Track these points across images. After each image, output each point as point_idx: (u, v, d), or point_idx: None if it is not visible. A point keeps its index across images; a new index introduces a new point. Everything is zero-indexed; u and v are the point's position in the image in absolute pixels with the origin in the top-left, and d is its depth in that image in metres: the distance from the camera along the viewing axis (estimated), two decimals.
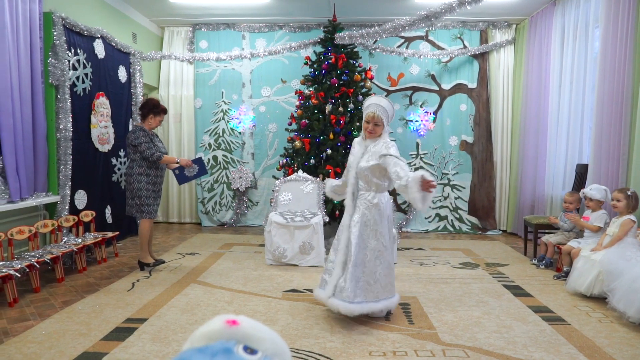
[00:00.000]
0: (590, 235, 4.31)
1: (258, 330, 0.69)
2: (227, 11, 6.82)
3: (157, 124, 4.62)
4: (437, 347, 2.90)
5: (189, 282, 4.27)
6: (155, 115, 4.58)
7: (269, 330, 0.71)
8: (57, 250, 4.25)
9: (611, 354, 2.80)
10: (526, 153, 6.52)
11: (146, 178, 4.48)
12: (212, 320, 0.70)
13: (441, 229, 7.11)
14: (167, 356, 2.74)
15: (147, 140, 4.45)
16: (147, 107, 4.57)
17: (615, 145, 4.49)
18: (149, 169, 4.50)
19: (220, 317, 0.70)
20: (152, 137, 4.56)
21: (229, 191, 7.42)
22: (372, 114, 3.25)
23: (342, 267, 3.23)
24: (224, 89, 7.40)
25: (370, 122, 3.27)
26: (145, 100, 4.67)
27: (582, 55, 5.31)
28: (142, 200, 4.48)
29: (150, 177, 4.52)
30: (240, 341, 0.67)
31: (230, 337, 0.67)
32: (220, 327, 0.68)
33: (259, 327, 0.70)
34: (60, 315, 3.40)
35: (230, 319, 0.69)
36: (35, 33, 4.50)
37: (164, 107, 4.66)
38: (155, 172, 4.57)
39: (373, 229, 3.23)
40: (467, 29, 7.10)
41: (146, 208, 4.50)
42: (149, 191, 4.50)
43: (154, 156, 4.42)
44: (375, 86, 7.09)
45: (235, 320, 0.69)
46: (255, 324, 0.70)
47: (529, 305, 3.69)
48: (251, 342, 0.68)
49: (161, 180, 4.67)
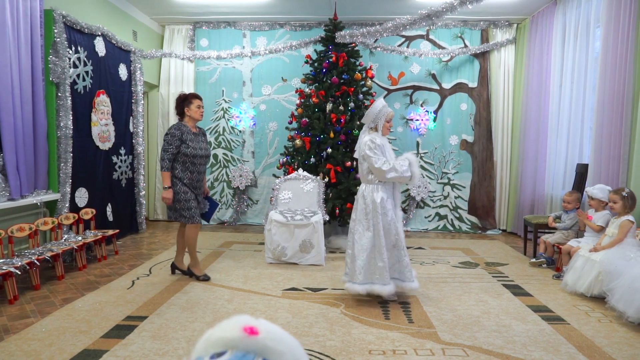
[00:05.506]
0: (591, 235, 4.31)
1: (278, 343, 0.64)
2: (228, 9, 6.81)
3: (197, 112, 4.22)
4: (437, 346, 2.91)
5: (189, 280, 4.27)
6: (190, 106, 4.20)
7: (289, 340, 0.66)
8: (58, 247, 4.26)
9: (610, 354, 2.80)
10: (526, 153, 6.52)
11: (181, 181, 4.14)
12: (229, 323, 0.65)
13: (441, 228, 7.12)
14: (167, 354, 2.75)
15: (174, 139, 4.07)
16: (178, 105, 4.26)
17: (615, 145, 4.48)
18: (183, 172, 4.14)
19: (238, 322, 0.64)
20: (189, 134, 4.15)
21: (229, 189, 7.42)
22: (392, 113, 3.83)
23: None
24: (225, 87, 7.40)
25: (390, 121, 3.83)
26: (175, 100, 4.33)
27: (583, 54, 5.31)
28: (181, 205, 4.13)
29: (185, 180, 4.14)
30: (259, 354, 0.62)
31: (249, 348, 0.62)
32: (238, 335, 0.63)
33: (280, 337, 0.65)
34: (61, 312, 3.41)
35: (249, 325, 0.63)
36: (36, 31, 4.50)
37: (191, 93, 4.30)
38: (191, 176, 4.17)
39: None
40: (468, 28, 7.09)
41: (187, 212, 4.15)
42: (187, 194, 4.13)
43: (162, 162, 4.08)
44: (376, 85, 7.09)
45: (254, 329, 0.63)
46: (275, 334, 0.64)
47: (529, 304, 3.70)
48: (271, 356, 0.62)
49: (199, 184, 4.27)
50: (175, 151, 4.09)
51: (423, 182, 7.10)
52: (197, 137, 4.25)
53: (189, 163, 4.14)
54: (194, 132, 4.24)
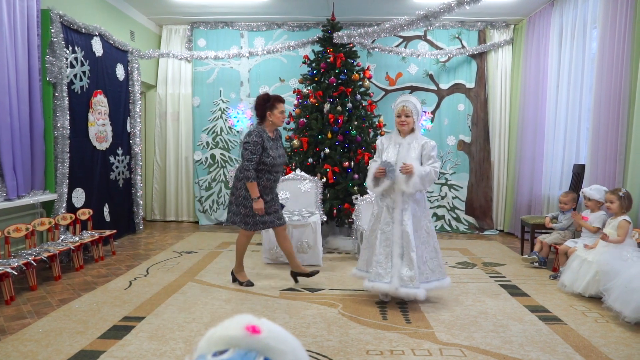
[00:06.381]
0: (587, 236, 4.31)
1: (280, 342, 0.65)
2: (225, 10, 6.81)
3: (280, 118, 3.98)
4: (434, 346, 2.91)
5: (187, 280, 4.27)
6: (273, 110, 3.96)
7: (291, 339, 0.66)
8: (54, 248, 4.25)
9: (607, 354, 2.81)
10: (523, 153, 6.54)
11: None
12: (232, 322, 0.66)
13: (438, 228, 7.12)
14: (165, 354, 2.75)
15: (257, 148, 3.83)
16: (260, 107, 3.99)
17: (612, 145, 4.50)
18: (259, 178, 3.91)
19: (240, 320, 0.65)
20: (268, 141, 3.93)
21: (227, 190, 7.41)
22: (400, 107, 3.60)
23: (401, 258, 3.51)
24: (222, 88, 7.39)
25: (400, 116, 3.60)
26: (256, 100, 4.07)
27: (579, 55, 5.32)
28: (247, 211, 3.94)
29: (259, 186, 3.91)
30: (261, 353, 0.63)
31: (251, 347, 0.63)
32: (241, 334, 0.64)
33: (281, 336, 0.66)
34: (57, 313, 3.40)
35: (251, 324, 0.64)
36: (32, 30, 4.49)
37: (274, 96, 4.01)
38: (266, 183, 3.95)
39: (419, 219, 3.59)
40: (465, 28, 7.11)
41: (251, 219, 3.96)
42: None
43: (248, 172, 3.82)
44: (374, 85, 7.09)
45: (256, 328, 0.64)
46: (277, 334, 0.65)
47: (526, 304, 3.70)
48: (272, 355, 0.63)
49: (272, 191, 4.05)
50: (259, 160, 3.87)
51: None
52: (276, 144, 4.05)
53: (265, 171, 3.93)
54: (272, 137, 4.02)
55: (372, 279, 3.55)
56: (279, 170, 4.06)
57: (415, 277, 3.43)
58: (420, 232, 3.56)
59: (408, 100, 3.62)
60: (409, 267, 3.45)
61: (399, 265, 3.48)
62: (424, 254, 3.57)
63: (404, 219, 3.49)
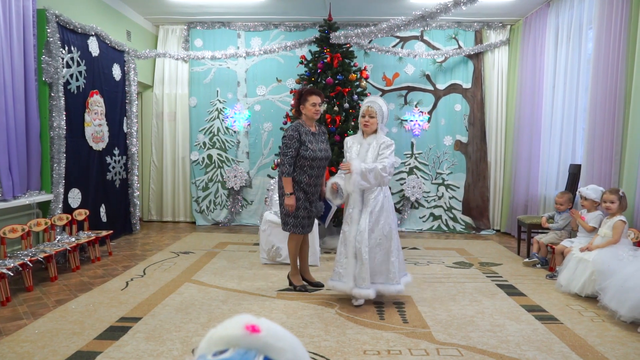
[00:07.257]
0: (584, 235, 4.33)
1: (279, 340, 0.65)
2: (222, 10, 6.80)
3: (312, 110, 3.83)
4: (431, 345, 2.92)
5: (184, 281, 4.26)
6: (305, 103, 3.84)
7: (290, 338, 0.67)
8: (51, 249, 4.23)
9: (603, 353, 2.83)
10: (520, 153, 6.56)
11: (298, 185, 3.83)
12: (231, 322, 0.66)
13: (435, 228, 7.14)
14: (162, 355, 2.74)
15: (292, 142, 3.75)
16: (296, 101, 3.93)
17: (607, 145, 4.52)
18: (300, 176, 3.80)
19: (240, 320, 0.66)
20: (307, 135, 3.82)
21: (224, 190, 7.40)
22: (366, 108, 3.68)
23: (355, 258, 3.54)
24: (219, 88, 7.38)
25: (365, 116, 3.67)
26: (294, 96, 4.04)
27: (575, 56, 5.35)
28: (285, 211, 3.86)
29: (302, 184, 3.82)
30: (261, 351, 0.63)
31: (250, 346, 0.64)
32: (240, 333, 0.64)
33: (280, 334, 0.66)
34: (54, 314, 3.39)
35: (250, 323, 0.65)
36: (28, 30, 4.47)
37: (306, 89, 3.92)
38: (309, 180, 3.83)
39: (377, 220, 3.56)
40: (462, 29, 7.13)
41: (292, 220, 3.85)
42: (299, 201, 3.81)
43: (283, 167, 3.77)
44: (371, 86, 7.10)
45: (256, 327, 0.65)
46: (276, 332, 0.66)
47: (522, 304, 3.72)
48: (272, 353, 0.64)
49: (316, 188, 3.92)
50: (295, 154, 3.77)
51: (417, 183, 7.12)
52: (317, 137, 3.89)
53: (307, 166, 3.81)
54: (313, 131, 3.89)
55: (333, 278, 3.68)
56: (321, 165, 3.90)
57: (367, 278, 3.49)
58: (376, 234, 3.55)
59: (374, 102, 3.69)
60: (361, 268, 3.51)
61: (353, 265, 3.53)
62: (376, 256, 3.56)
63: (360, 219, 3.54)
